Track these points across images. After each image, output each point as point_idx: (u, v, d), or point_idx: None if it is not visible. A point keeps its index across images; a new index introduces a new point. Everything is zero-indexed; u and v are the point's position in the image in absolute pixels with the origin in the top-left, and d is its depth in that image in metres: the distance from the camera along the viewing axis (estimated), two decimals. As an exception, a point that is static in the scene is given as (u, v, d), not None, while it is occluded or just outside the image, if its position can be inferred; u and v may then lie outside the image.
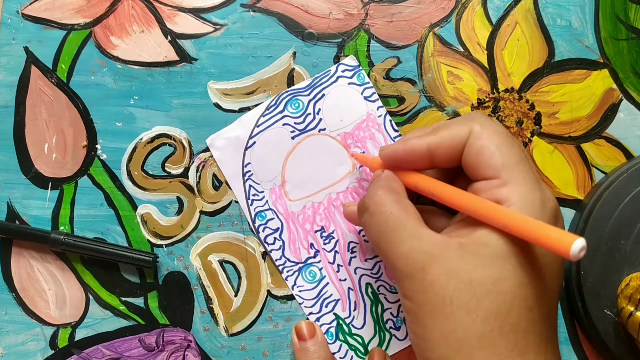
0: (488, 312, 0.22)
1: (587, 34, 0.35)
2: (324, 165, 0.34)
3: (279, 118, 0.34)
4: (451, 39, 0.34)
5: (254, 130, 0.34)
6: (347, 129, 0.34)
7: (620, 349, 0.31)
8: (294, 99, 0.34)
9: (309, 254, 0.33)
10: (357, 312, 0.33)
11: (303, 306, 0.33)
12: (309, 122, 0.34)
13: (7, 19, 0.35)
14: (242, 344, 0.33)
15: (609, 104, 0.34)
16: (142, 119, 0.34)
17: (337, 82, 0.34)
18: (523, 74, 0.34)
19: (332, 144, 0.34)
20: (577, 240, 0.20)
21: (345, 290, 0.33)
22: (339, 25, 0.35)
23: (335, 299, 0.33)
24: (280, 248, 0.33)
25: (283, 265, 0.33)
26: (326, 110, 0.34)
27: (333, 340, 0.33)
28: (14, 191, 0.34)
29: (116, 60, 0.34)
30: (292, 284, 0.33)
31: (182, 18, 0.35)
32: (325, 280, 0.33)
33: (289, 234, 0.33)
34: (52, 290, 0.33)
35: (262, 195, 0.33)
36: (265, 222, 0.33)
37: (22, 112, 0.34)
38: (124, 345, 0.33)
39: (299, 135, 0.34)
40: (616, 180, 0.32)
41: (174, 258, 0.34)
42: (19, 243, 0.34)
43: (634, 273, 0.30)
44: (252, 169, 0.34)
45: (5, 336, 0.33)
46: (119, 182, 0.34)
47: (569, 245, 0.20)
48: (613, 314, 0.31)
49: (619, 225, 0.31)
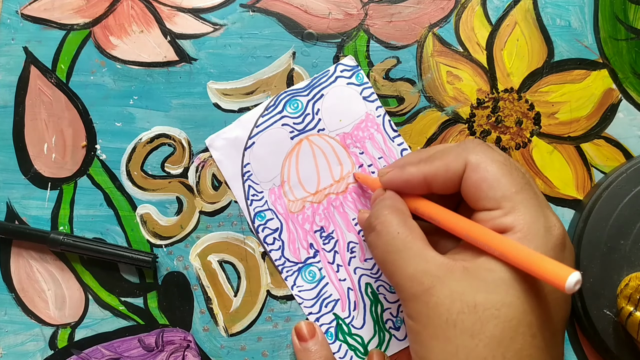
0: (491, 337, 0.22)
1: (587, 34, 0.35)
2: (323, 165, 0.34)
3: (278, 118, 0.34)
4: (450, 39, 0.35)
5: (253, 130, 0.34)
6: (346, 129, 0.34)
7: (619, 349, 0.31)
8: (293, 99, 0.34)
9: (308, 254, 0.33)
10: (357, 312, 0.33)
11: (303, 306, 0.33)
12: (308, 123, 0.34)
13: (7, 19, 0.35)
14: (242, 344, 0.33)
15: (608, 104, 0.34)
16: (141, 119, 0.34)
17: (335, 82, 0.34)
18: (522, 74, 0.34)
19: (331, 144, 0.34)
20: (572, 274, 0.20)
21: (345, 290, 0.33)
22: (338, 25, 0.35)
23: (334, 299, 0.33)
24: (279, 248, 0.33)
25: (282, 266, 0.33)
26: (325, 111, 0.34)
27: (333, 340, 0.33)
28: (13, 191, 0.34)
29: (115, 61, 0.34)
30: (291, 284, 0.33)
31: (182, 18, 0.35)
32: (324, 280, 0.33)
33: (288, 234, 0.33)
34: (52, 290, 0.33)
35: (262, 196, 0.33)
36: (264, 222, 0.33)
37: (22, 112, 0.34)
38: (124, 346, 0.33)
39: (298, 135, 0.34)
40: (615, 181, 0.32)
41: (174, 258, 0.34)
42: (18, 243, 0.34)
43: (634, 273, 0.30)
44: (251, 169, 0.34)
45: (5, 336, 0.33)
46: (118, 182, 0.34)
47: (564, 279, 0.20)
48: (612, 314, 0.31)
49: (618, 225, 0.31)
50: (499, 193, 0.24)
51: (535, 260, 0.22)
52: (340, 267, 0.33)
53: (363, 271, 0.33)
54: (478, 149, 0.25)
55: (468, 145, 0.26)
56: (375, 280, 0.33)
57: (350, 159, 0.34)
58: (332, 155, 0.34)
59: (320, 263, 0.33)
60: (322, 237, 0.33)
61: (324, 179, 0.34)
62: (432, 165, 0.26)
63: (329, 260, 0.33)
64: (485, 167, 0.25)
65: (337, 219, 0.33)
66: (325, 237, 0.33)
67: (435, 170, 0.26)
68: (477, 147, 0.26)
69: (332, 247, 0.33)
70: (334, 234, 0.33)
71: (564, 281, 0.20)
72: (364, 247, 0.33)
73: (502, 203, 0.24)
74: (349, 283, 0.33)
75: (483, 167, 0.25)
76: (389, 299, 0.33)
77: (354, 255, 0.33)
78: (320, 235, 0.33)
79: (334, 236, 0.33)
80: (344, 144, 0.34)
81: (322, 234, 0.33)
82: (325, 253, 0.33)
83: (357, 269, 0.33)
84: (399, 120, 0.34)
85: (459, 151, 0.26)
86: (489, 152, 0.25)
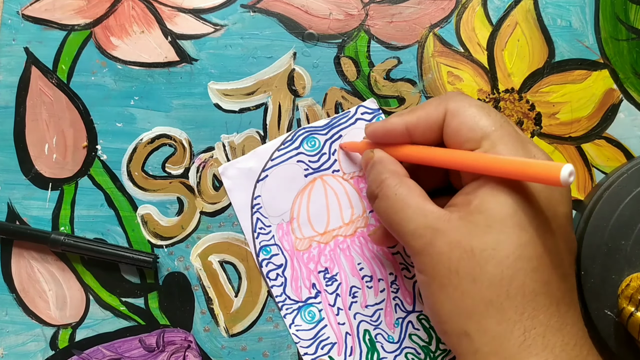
0: (492, 278, 0.23)
1: (587, 35, 0.35)
2: (334, 206, 0.33)
3: (294, 154, 0.34)
4: (451, 39, 0.35)
5: (267, 163, 0.34)
6: (360, 173, 0.34)
7: (620, 349, 0.31)
8: (311, 137, 0.34)
9: (310, 294, 0.33)
10: (352, 358, 0.32)
11: (299, 346, 0.33)
12: (324, 162, 0.34)
13: (8, 19, 0.35)
14: (243, 345, 0.33)
15: (609, 105, 0.34)
16: (142, 120, 0.34)
17: (355, 124, 0.34)
18: (523, 74, 0.34)
19: (344, 186, 0.33)
20: (564, 165, 0.20)
21: (343, 334, 0.33)
22: (339, 25, 0.35)
23: (332, 342, 0.33)
24: (282, 285, 0.33)
25: (283, 303, 0.33)
26: (342, 152, 0.34)
27: None
28: (14, 192, 0.34)
29: (116, 61, 0.34)
30: (289, 322, 0.33)
31: (182, 19, 0.35)
32: (323, 322, 0.33)
33: (292, 272, 0.33)
34: (53, 290, 0.33)
35: (269, 230, 0.33)
36: (269, 257, 0.33)
37: (23, 113, 0.34)
38: (125, 346, 0.33)
39: (312, 174, 0.34)
40: (616, 181, 0.32)
41: (175, 259, 0.34)
42: (19, 244, 0.34)
43: (635, 273, 0.30)
44: (261, 202, 0.33)
45: (6, 337, 0.33)
46: (119, 183, 0.34)
47: (557, 172, 0.20)
48: (613, 315, 0.31)
49: (619, 226, 0.31)
50: (479, 134, 0.25)
51: (526, 164, 0.22)
52: (341, 310, 0.33)
53: (363, 317, 0.33)
54: (457, 97, 0.27)
55: (448, 95, 0.27)
56: (374, 328, 0.33)
57: (362, 203, 0.33)
58: (344, 197, 0.33)
59: (321, 304, 0.33)
60: (325, 278, 0.33)
61: (334, 220, 0.33)
62: (413, 114, 0.27)
63: (330, 302, 0.33)
64: (464, 111, 0.26)
65: (342, 262, 0.33)
66: (328, 278, 0.33)
67: (416, 119, 0.27)
68: (455, 96, 0.27)
69: (334, 289, 0.33)
70: (337, 276, 0.33)
71: (558, 174, 0.20)
72: (366, 293, 0.33)
73: (481, 142, 0.25)
74: (347, 328, 0.33)
75: (462, 112, 0.26)
76: (387, 348, 0.33)
77: (355, 300, 0.33)
78: (323, 276, 0.33)
79: (338, 279, 0.33)
80: (357, 188, 0.33)
81: (326, 275, 0.33)
82: (327, 295, 0.33)
83: (357, 314, 0.33)
84: (399, 121, 0.34)
85: (439, 101, 0.27)
86: (467, 99, 0.27)
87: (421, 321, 0.33)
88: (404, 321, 0.33)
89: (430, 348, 0.33)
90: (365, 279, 0.33)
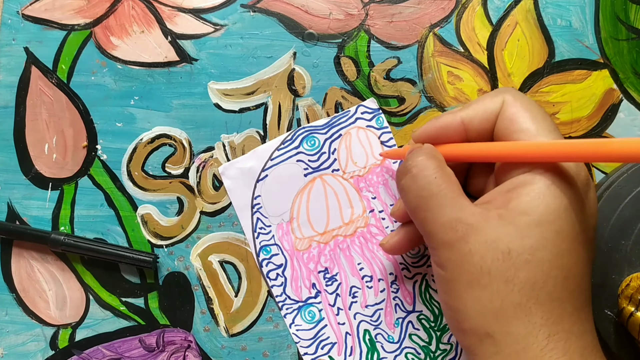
0: (525, 282, 0.23)
1: (587, 34, 0.35)
2: (334, 206, 0.33)
3: (294, 154, 0.34)
4: (451, 39, 0.34)
5: (267, 163, 0.33)
6: (360, 172, 0.33)
7: (620, 349, 0.31)
8: (311, 136, 0.34)
9: (310, 294, 0.33)
10: (352, 358, 0.32)
11: (299, 346, 0.33)
12: (323, 161, 0.34)
13: (7, 19, 0.35)
14: (243, 345, 0.33)
15: (609, 104, 0.34)
16: (142, 120, 0.34)
17: (355, 123, 0.34)
18: (523, 74, 0.34)
19: (344, 185, 0.33)
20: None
21: (343, 334, 0.33)
22: (339, 25, 0.35)
23: (331, 342, 0.33)
24: (282, 285, 0.33)
25: (283, 303, 0.33)
26: (341, 151, 0.34)
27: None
28: (14, 191, 0.34)
29: (116, 61, 0.34)
30: (290, 322, 0.33)
31: (182, 18, 0.35)
32: (323, 322, 0.33)
33: (292, 272, 0.33)
34: (53, 290, 0.33)
35: (269, 230, 0.33)
36: (269, 256, 0.33)
37: (23, 113, 0.34)
38: (124, 346, 0.33)
39: (312, 173, 0.33)
40: (616, 181, 0.32)
41: (174, 258, 0.34)
42: (19, 243, 0.34)
43: (635, 273, 0.30)
44: (261, 202, 0.33)
45: (6, 337, 0.33)
46: (119, 183, 0.34)
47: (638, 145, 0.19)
48: (613, 315, 0.31)
49: (619, 226, 0.31)
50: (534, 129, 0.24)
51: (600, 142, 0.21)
52: (341, 310, 0.33)
53: (363, 317, 0.33)
54: (515, 91, 0.26)
55: (505, 88, 0.27)
56: (374, 328, 0.33)
57: (362, 202, 0.33)
58: (344, 197, 0.33)
59: (321, 304, 0.33)
60: (325, 278, 0.33)
61: (334, 220, 0.33)
62: (468, 108, 0.27)
63: (330, 302, 0.33)
64: (522, 104, 0.25)
65: (342, 262, 0.33)
66: (328, 278, 0.33)
67: (473, 113, 0.26)
68: (513, 90, 0.27)
69: (334, 289, 0.33)
70: (337, 276, 0.33)
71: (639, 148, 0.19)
72: (366, 293, 0.33)
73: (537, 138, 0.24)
74: (347, 327, 0.33)
75: (520, 104, 0.25)
76: (387, 348, 0.33)
77: (355, 300, 0.33)
78: (323, 276, 0.33)
79: (338, 279, 0.33)
80: (357, 187, 0.33)
81: (326, 274, 0.33)
82: (327, 295, 0.33)
83: (357, 314, 0.33)
84: (399, 121, 0.34)
85: (496, 92, 0.27)
86: (525, 96, 0.26)
87: (421, 321, 0.33)
88: (404, 321, 0.33)
89: (430, 348, 0.33)
90: (365, 278, 0.33)
